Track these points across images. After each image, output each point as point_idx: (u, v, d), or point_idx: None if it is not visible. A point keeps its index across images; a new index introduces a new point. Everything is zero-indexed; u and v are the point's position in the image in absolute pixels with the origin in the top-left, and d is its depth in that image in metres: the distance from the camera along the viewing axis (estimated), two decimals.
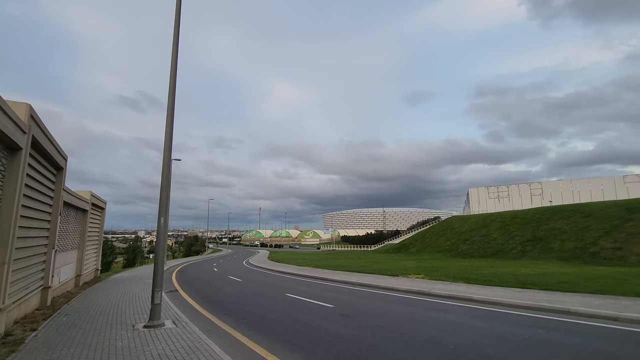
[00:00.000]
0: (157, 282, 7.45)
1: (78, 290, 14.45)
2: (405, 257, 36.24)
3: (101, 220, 20.60)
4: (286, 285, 17.16)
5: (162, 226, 7.62)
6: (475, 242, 33.53)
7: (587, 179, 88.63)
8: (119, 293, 13.56)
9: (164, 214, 7.70)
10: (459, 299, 11.40)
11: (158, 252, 7.55)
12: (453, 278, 15.95)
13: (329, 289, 15.31)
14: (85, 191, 16.37)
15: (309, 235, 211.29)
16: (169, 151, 7.90)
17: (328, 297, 12.45)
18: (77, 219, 15.30)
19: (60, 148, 10.60)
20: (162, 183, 7.79)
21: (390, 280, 16.71)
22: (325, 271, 23.85)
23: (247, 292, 14.42)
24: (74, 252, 15.16)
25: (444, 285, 14.13)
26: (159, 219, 7.63)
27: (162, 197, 7.74)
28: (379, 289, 14.76)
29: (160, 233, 7.60)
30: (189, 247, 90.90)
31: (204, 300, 12.40)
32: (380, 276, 19.00)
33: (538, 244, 26.38)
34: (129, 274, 23.68)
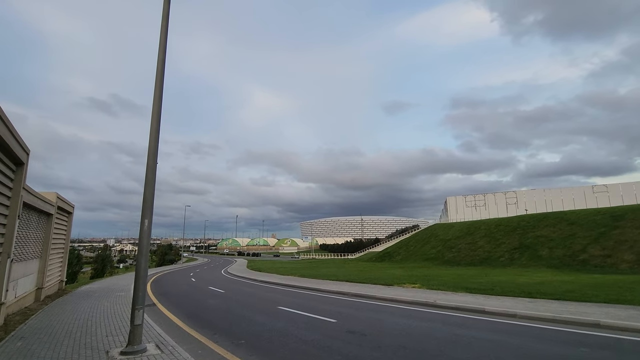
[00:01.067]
0: (139, 298, 6.14)
1: (39, 305, 12.62)
2: (391, 266, 35.52)
3: (68, 226, 18.61)
4: (275, 297, 15.87)
5: (146, 230, 6.34)
6: (461, 250, 33.28)
7: (558, 189, 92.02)
8: (88, 309, 11.88)
9: (149, 215, 6.43)
10: (471, 311, 10.56)
11: (140, 261, 6.25)
12: (453, 287, 15.19)
13: (323, 300, 14.17)
14: (51, 193, 14.57)
15: (287, 244, 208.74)
16: (156, 135, 6.68)
17: (326, 311, 11.32)
18: (40, 224, 13.50)
19: (21, 139, 9.06)
20: (147, 176, 6.53)
21: (386, 291, 15.77)
22: (312, 281, 22.65)
23: (235, 306, 13.06)
24: (35, 261, 13.33)
25: (447, 296, 13.31)
26: (142, 221, 6.35)
27: (146, 194, 6.47)
28: (378, 299, 13.76)
29: (144, 238, 6.31)
30: (162, 256, 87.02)
31: (187, 315, 10.97)
32: (374, 286, 18.04)
33: (525, 251, 26.30)
34: (98, 286, 21.59)
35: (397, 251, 47.39)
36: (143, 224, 6.34)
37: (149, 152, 6.60)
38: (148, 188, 6.50)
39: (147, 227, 6.36)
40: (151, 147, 6.63)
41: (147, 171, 6.56)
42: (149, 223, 6.41)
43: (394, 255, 46.06)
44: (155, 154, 6.66)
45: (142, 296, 6.18)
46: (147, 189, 6.49)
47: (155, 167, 6.64)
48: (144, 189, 6.51)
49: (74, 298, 15.05)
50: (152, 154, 6.60)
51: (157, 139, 6.73)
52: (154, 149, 6.63)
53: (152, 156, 6.61)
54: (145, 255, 6.33)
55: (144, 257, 6.29)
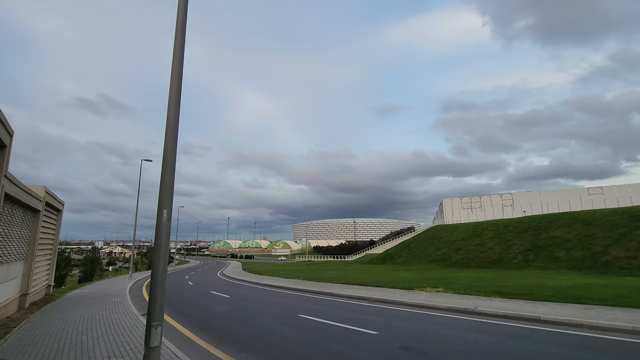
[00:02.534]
0: (156, 311, 4.69)
1: (23, 315, 10.99)
2: (395, 268, 34.27)
3: (57, 225, 16.91)
4: (289, 302, 14.43)
5: (165, 223, 4.90)
6: (469, 252, 32.19)
7: (554, 191, 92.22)
8: (81, 318, 10.30)
9: (168, 204, 4.98)
10: (524, 320, 9.28)
11: (158, 264, 4.80)
12: (483, 292, 13.94)
13: (345, 307, 12.79)
14: (39, 186, 12.94)
15: (280, 246, 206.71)
16: (177, 103, 5.26)
17: (358, 320, 9.94)
18: (26, 221, 11.87)
19: (4, 117, 7.55)
20: (165, 155, 5.08)
21: (409, 295, 14.45)
22: (321, 284, 21.23)
23: (248, 314, 11.59)
24: (19, 264, 11.69)
25: (484, 302, 12.04)
26: (159, 212, 4.90)
27: (165, 178, 5.02)
28: (406, 306, 12.43)
29: (163, 232, 4.86)
30: None
31: (198, 327, 9.48)
32: (392, 290, 16.71)
33: (540, 253, 25.29)
34: (89, 290, 19.86)
35: (398, 253, 46.19)
36: (161, 216, 4.90)
37: (168, 127, 5.16)
38: (167, 171, 5.05)
39: (166, 220, 4.91)
40: (170, 120, 5.19)
41: (166, 150, 5.11)
42: (168, 214, 4.96)
43: (395, 257, 44.85)
44: (175, 128, 5.21)
45: (159, 309, 4.73)
46: (165, 172, 5.05)
47: (175, 144, 5.20)
48: (162, 172, 5.06)
49: (64, 305, 13.40)
50: (171, 128, 5.16)
51: (177, 108, 5.30)
52: (173, 121, 5.20)
53: (171, 131, 5.17)
54: (164, 255, 4.87)
55: (162, 257, 4.84)
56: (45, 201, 13.40)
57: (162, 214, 4.93)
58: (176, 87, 5.30)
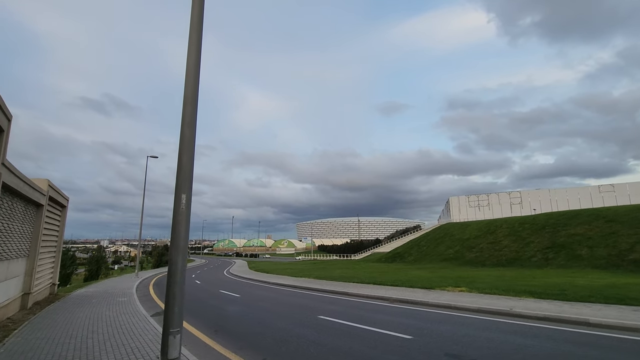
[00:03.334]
0: (174, 316, 3.91)
1: (24, 315, 10.31)
2: (406, 267, 33.39)
3: (62, 222, 16.26)
4: (305, 302, 13.65)
5: (183, 211, 4.12)
6: (483, 250, 31.24)
7: (564, 189, 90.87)
8: (86, 320, 9.59)
9: (187, 189, 4.21)
10: (569, 323, 8.43)
11: (177, 260, 4.02)
12: (513, 292, 13.07)
13: (366, 307, 11.99)
14: (41, 179, 12.26)
15: (284, 245, 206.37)
16: (196, 67, 4.50)
17: (386, 322, 9.14)
18: (28, 215, 11.18)
19: (2, 100, 6.82)
20: (183, 133, 4.31)
21: (432, 295, 13.62)
22: (334, 283, 20.45)
23: (264, 315, 10.83)
24: (21, 261, 11.01)
25: (515, 302, 11.18)
26: (177, 198, 4.13)
27: (183, 159, 4.25)
28: (432, 306, 11.61)
29: (181, 222, 4.09)
30: (159, 258, 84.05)
31: (213, 329, 8.73)
32: (412, 289, 15.88)
33: (561, 251, 24.32)
34: (94, 289, 19.21)
35: (408, 251, 45.28)
36: (179, 202, 4.12)
37: (186, 98, 4.39)
38: (185, 150, 4.28)
39: (185, 207, 4.14)
40: (189, 90, 4.42)
41: (184, 125, 4.34)
42: (187, 200, 4.18)
43: (405, 255, 43.95)
44: (194, 99, 4.44)
45: (178, 314, 3.95)
46: (183, 152, 4.27)
47: (195, 119, 4.43)
48: (180, 152, 4.29)
49: (68, 305, 12.72)
50: (190, 99, 4.39)
51: (197, 77, 4.53)
52: (192, 92, 4.42)
53: (190, 103, 4.40)
54: (183, 249, 4.10)
55: (181, 252, 4.06)
56: (49, 195, 12.71)
57: (180, 200, 4.16)
58: (195, 52, 4.52)
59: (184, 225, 4.12)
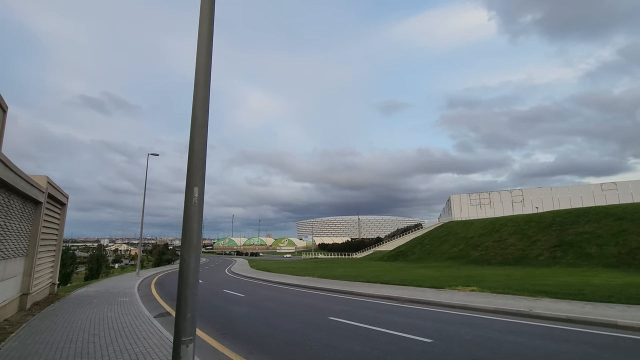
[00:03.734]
0: (187, 323, 3.48)
1: (23, 317, 9.90)
2: (410, 265, 32.99)
3: (61, 220, 15.84)
4: (313, 302, 13.25)
5: (196, 205, 3.69)
6: (489, 249, 30.84)
7: (566, 187, 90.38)
8: (87, 322, 9.18)
9: (200, 181, 3.78)
10: (598, 326, 8.02)
11: (189, 260, 3.58)
12: (527, 292, 12.67)
13: (377, 308, 11.58)
14: (40, 176, 11.83)
15: (284, 243, 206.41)
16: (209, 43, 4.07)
17: (399, 324, 8.74)
18: (26, 213, 10.76)
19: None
20: (195, 115, 3.88)
21: (443, 295, 13.22)
22: (339, 282, 20.06)
23: (270, 315, 10.42)
24: (19, 260, 10.59)
25: (533, 302, 10.78)
26: (188, 191, 3.70)
27: (195, 144, 3.82)
28: (445, 307, 11.20)
29: (194, 216, 3.66)
30: (159, 256, 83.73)
31: (220, 332, 8.31)
32: (421, 289, 15.48)
33: (569, 249, 23.93)
34: (95, 289, 18.81)
35: (410, 250, 44.90)
36: (191, 195, 3.70)
37: (198, 76, 3.95)
38: (197, 136, 3.85)
39: (197, 201, 3.71)
40: (201, 66, 3.98)
41: (196, 108, 3.91)
42: (200, 193, 3.76)
43: (408, 254, 43.56)
44: (207, 79, 4.00)
45: (191, 320, 3.52)
46: (195, 138, 3.84)
47: (207, 100, 3.99)
48: (191, 138, 3.86)
49: (69, 305, 12.30)
50: (202, 79, 3.96)
51: (209, 52, 4.09)
52: (205, 69, 3.99)
53: (202, 83, 3.96)
54: (196, 247, 3.67)
55: (193, 251, 3.63)
56: (48, 192, 12.29)
57: (191, 193, 3.74)
58: (207, 25, 4.08)
59: (197, 221, 3.69)
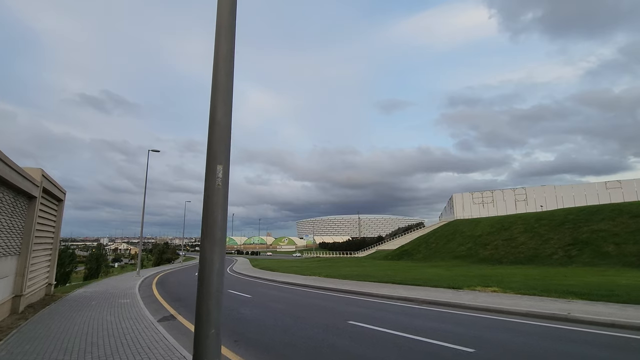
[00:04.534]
0: (210, 344, 2.66)
1: (15, 321, 9.09)
2: (418, 264, 32.23)
3: (58, 216, 15.01)
4: (326, 304, 12.45)
5: (220, 188, 2.89)
6: (499, 247, 30.08)
7: (570, 185, 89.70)
8: (84, 327, 8.38)
9: (224, 159, 2.96)
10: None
11: (211, 255, 2.77)
12: (555, 292, 11.88)
13: (396, 310, 10.79)
14: (34, 168, 11.01)
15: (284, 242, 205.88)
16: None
17: (431, 329, 7.94)
18: (18, 208, 9.94)
19: None
20: (217, 75, 3.06)
21: (464, 297, 12.44)
22: (348, 282, 19.29)
23: (284, 319, 9.62)
24: (11, 259, 9.78)
25: (567, 305, 10.00)
26: (210, 170, 2.89)
27: (216, 116, 3.00)
28: (469, 309, 10.42)
29: (217, 202, 2.85)
30: (159, 255, 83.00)
31: (231, 338, 7.50)
32: (437, 289, 14.70)
33: (585, 248, 23.18)
34: (94, 289, 18.00)
35: (416, 249, 44.13)
36: (213, 176, 2.88)
37: (220, 24, 3.13)
38: (221, 103, 3.04)
39: (221, 183, 2.90)
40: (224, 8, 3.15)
41: (218, 61, 3.08)
42: (225, 174, 2.94)
43: (413, 253, 42.79)
44: (231, 22, 3.17)
45: (215, 339, 2.69)
46: (218, 106, 3.03)
47: (233, 52, 3.16)
48: (212, 104, 3.04)
49: (66, 307, 11.49)
50: (225, 24, 3.12)
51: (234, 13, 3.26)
52: (229, 11, 3.16)
53: (226, 29, 3.13)
54: (220, 243, 2.86)
55: (217, 246, 2.82)
56: (43, 187, 11.47)
57: (214, 174, 2.93)
58: None
59: (221, 208, 2.88)
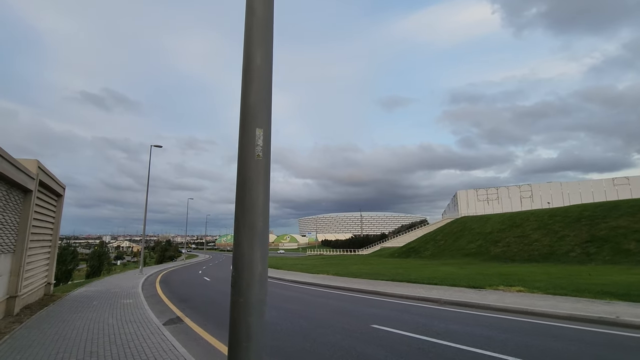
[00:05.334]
0: None
1: (8, 324, 8.33)
2: (427, 262, 31.44)
3: (57, 212, 14.26)
4: (343, 306, 11.66)
5: (261, 157, 2.07)
6: (511, 244, 29.24)
7: (577, 182, 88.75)
8: (84, 332, 7.61)
9: (264, 122, 2.14)
10: None
11: (251, 251, 1.98)
12: (589, 293, 11.05)
13: (421, 312, 9.98)
14: (30, 159, 10.23)
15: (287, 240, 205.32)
16: None
17: (467, 335, 7.14)
18: (11, 202, 9.17)
19: None
20: (251, 12, 2.24)
21: (489, 297, 11.64)
22: (359, 281, 18.52)
23: (301, 323, 8.84)
24: (5, 258, 9.03)
25: (609, 307, 9.17)
26: (246, 135, 2.08)
27: (253, 65, 2.19)
28: (501, 311, 9.61)
29: (257, 177, 2.04)
30: (162, 253, 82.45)
31: None
32: (457, 288, 13.91)
33: (604, 245, 22.34)
34: (96, 288, 17.28)
35: (423, 246, 43.33)
36: (251, 144, 2.07)
37: None
38: (260, 47, 2.22)
39: (261, 152, 2.08)
40: None
41: (251, 9, 2.27)
42: (266, 140, 2.13)
43: (420, 250, 42.00)
44: None
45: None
46: (257, 50, 2.21)
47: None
48: (247, 52, 2.23)
49: (65, 309, 10.74)
50: None
51: None
52: None
53: None
54: (262, 233, 2.04)
55: (258, 238, 1.99)
56: (39, 180, 10.69)
57: (252, 140, 2.12)
58: None
59: (262, 186, 2.06)
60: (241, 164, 2.07)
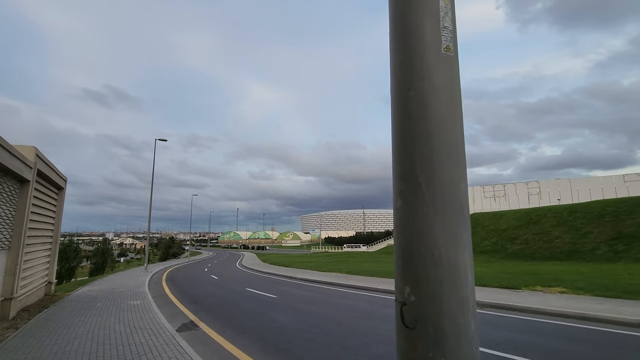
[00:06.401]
0: None
1: (2, 331, 7.34)
2: None
3: (58, 206, 13.26)
4: (365, 307, 10.63)
5: (453, 56, 1.03)
6: (529, 242, 28.12)
7: (585, 178, 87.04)
8: (87, 342, 6.60)
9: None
10: None
11: (457, 246, 0.99)
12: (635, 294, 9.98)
13: None
14: (26, 146, 9.21)
15: (289, 237, 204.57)
16: None
17: (530, 344, 6.08)
18: (4, 192, 8.16)
19: None
20: None
21: (530, 299, 10.60)
22: (375, 279, 17.58)
23: (329, 327, 7.80)
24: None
25: None
26: (421, 10, 1.00)
27: None
28: (552, 316, 8.55)
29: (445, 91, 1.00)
30: (166, 250, 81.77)
31: (276, 356, 5.70)
32: (487, 288, 12.91)
33: (633, 242, 21.21)
34: (99, 287, 16.32)
35: None
36: (435, 31, 1.02)
37: None
38: None
39: (452, 44, 1.05)
40: None
41: None
42: (453, 25, 1.06)
43: None
44: None
45: None
46: None
47: None
48: None
49: (66, 312, 9.75)
50: None
51: None
52: None
53: None
54: (464, 212, 1.01)
55: (463, 225, 0.97)
56: (38, 169, 9.67)
57: (436, 25, 1.01)
58: None
59: (455, 113, 1.00)
60: (421, 64, 1.00)
